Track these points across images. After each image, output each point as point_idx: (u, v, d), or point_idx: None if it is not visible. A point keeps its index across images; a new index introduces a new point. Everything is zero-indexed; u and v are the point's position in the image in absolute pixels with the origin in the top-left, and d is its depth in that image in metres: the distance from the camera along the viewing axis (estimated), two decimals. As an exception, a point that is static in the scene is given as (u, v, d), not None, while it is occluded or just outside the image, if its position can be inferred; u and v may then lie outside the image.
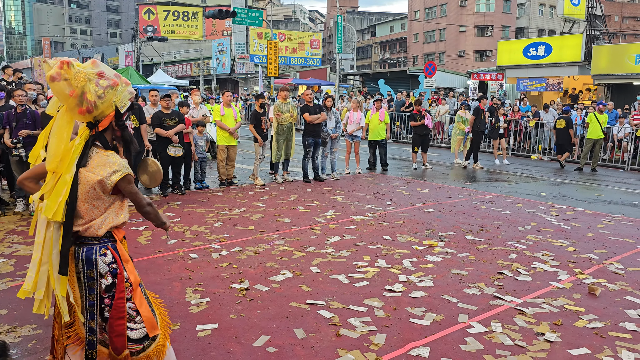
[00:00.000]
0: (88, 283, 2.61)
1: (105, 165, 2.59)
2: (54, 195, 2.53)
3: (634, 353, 3.56)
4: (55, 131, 2.54)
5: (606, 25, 27.49)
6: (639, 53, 18.99)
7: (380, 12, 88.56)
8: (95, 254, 2.61)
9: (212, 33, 55.80)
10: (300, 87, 32.81)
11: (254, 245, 5.88)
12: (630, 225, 7.36)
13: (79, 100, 2.50)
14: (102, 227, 2.61)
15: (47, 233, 2.57)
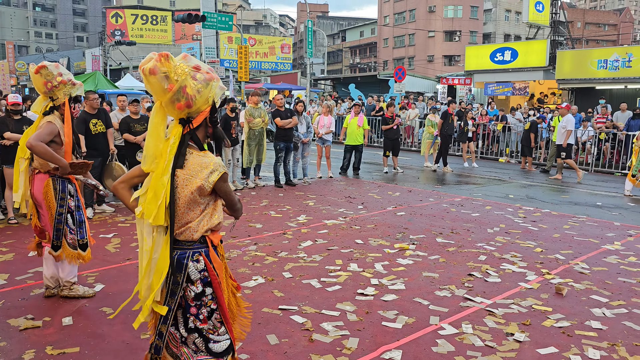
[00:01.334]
0: (172, 286, 2.50)
1: (202, 166, 2.45)
2: (153, 198, 2.43)
3: (599, 351, 3.65)
4: (151, 130, 2.45)
5: (569, 31, 28.24)
6: (600, 58, 19.56)
7: (351, 17, 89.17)
8: (187, 259, 2.48)
9: (181, 37, 55.20)
10: (271, 91, 32.79)
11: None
12: (595, 226, 7.55)
13: (178, 94, 2.39)
14: (197, 231, 2.49)
15: (153, 238, 2.46)
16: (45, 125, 4.19)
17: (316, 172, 11.70)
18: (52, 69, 4.20)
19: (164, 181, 2.41)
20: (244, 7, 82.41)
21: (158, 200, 2.41)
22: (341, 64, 72.40)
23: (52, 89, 4.23)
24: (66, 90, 4.30)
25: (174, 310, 2.51)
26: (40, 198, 4.30)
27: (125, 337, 3.69)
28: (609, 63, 19.24)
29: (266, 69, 45.97)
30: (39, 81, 4.22)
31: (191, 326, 2.51)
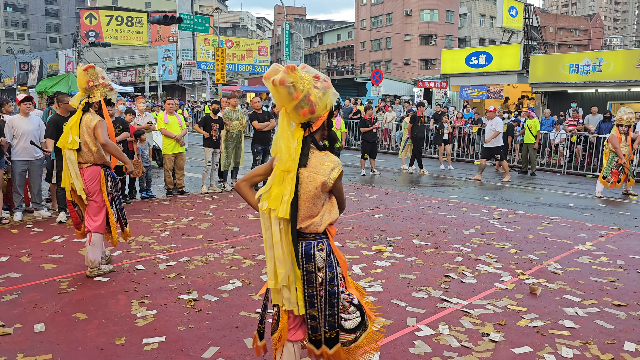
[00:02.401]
0: (307, 276, 2.76)
1: (324, 164, 2.72)
2: (278, 195, 2.68)
3: (572, 349, 3.72)
4: (280, 134, 2.69)
5: (542, 35, 28.79)
6: (572, 63, 19.98)
7: (328, 20, 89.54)
8: (313, 249, 2.74)
9: (157, 39, 54.66)
10: (249, 94, 32.67)
11: (202, 254, 5.78)
12: (567, 227, 7.70)
13: (302, 102, 2.62)
14: (321, 225, 2.75)
15: (281, 231, 2.71)
16: (100, 124, 4.86)
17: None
18: (97, 71, 4.91)
19: (290, 179, 2.67)
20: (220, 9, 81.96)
21: (284, 196, 2.66)
22: (318, 66, 72.52)
23: (92, 88, 4.89)
24: (103, 91, 4.97)
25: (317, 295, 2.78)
26: (92, 186, 4.92)
27: (99, 343, 3.63)
28: (580, 67, 19.67)
29: (243, 72, 45.80)
30: (84, 78, 4.87)
31: (321, 307, 2.79)
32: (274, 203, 2.69)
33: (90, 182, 4.91)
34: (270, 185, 2.74)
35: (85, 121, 4.89)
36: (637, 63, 18.13)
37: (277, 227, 2.71)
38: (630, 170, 10.48)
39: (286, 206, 2.65)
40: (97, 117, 4.91)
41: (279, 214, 2.67)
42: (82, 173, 4.92)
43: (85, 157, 4.92)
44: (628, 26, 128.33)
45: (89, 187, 4.92)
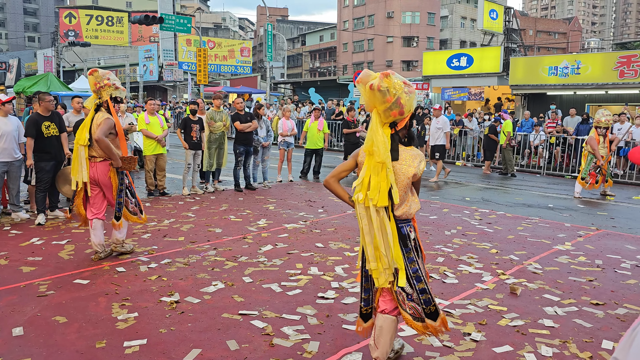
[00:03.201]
0: (407, 254, 3.19)
1: (413, 157, 3.17)
2: (375, 186, 3.04)
3: (551, 348, 3.77)
4: (374, 131, 3.07)
5: (522, 38, 29.16)
6: (551, 65, 20.28)
7: (310, 21, 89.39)
8: (406, 230, 3.19)
9: (138, 39, 54.14)
10: (231, 95, 32.53)
11: (184, 256, 5.74)
12: (547, 227, 7.81)
13: (394, 105, 3.02)
14: (411, 210, 3.21)
15: (378, 218, 3.07)
16: (105, 122, 5.34)
17: (276, 176, 11.67)
18: (101, 73, 5.45)
19: (386, 170, 3.05)
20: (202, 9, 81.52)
21: (380, 187, 3.03)
22: (301, 68, 72.55)
23: (99, 89, 5.44)
24: (109, 91, 5.47)
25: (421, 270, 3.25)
26: (106, 181, 5.45)
27: (79, 347, 3.58)
28: (559, 70, 19.96)
29: (226, 72, 45.62)
30: (91, 81, 5.47)
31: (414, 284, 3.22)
32: (373, 193, 3.04)
33: (101, 174, 5.43)
34: (363, 177, 3.11)
35: (96, 119, 5.42)
36: (614, 66, 18.47)
37: (376, 215, 3.07)
38: (608, 172, 10.67)
39: (382, 196, 3.03)
40: (105, 115, 5.43)
41: (380, 202, 3.04)
42: (96, 166, 5.43)
43: (98, 151, 5.42)
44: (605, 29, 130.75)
45: (100, 179, 5.44)
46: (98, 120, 5.39)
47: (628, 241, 7.14)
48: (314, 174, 12.21)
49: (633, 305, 4.70)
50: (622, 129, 13.49)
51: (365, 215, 3.13)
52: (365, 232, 3.13)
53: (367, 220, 3.13)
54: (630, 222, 8.47)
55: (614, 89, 18.92)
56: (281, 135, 11.40)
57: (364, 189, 3.10)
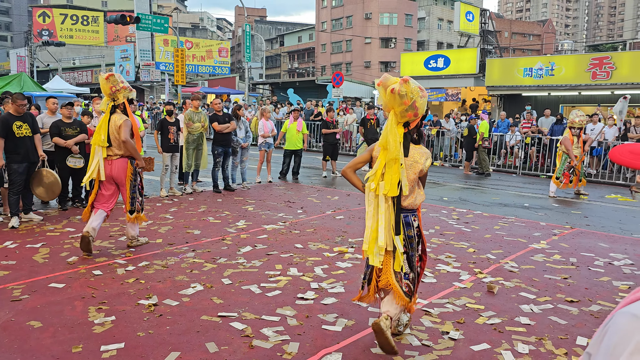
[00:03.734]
0: (408, 239, 3.62)
1: (421, 155, 3.63)
2: (388, 178, 3.50)
3: (528, 345, 3.84)
4: (390, 130, 3.50)
5: (497, 40, 29.58)
6: (526, 67, 20.61)
7: (289, 22, 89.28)
8: (411, 219, 3.62)
9: (114, 39, 53.45)
10: (209, 95, 32.30)
11: (162, 258, 5.69)
12: (523, 226, 7.93)
13: (410, 107, 3.45)
14: (416, 202, 3.66)
15: (386, 206, 3.52)
16: (125, 123, 5.72)
17: (256, 177, 11.63)
18: (117, 78, 5.78)
19: (398, 166, 3.49)
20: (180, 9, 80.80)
21: (392, 180, 3.48)
22: (279, 68, 72.43)
23: (115, 92, 5.76)
24: (125, 93, 5.83)
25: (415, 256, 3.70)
26: (122, 177, 5.82)
27: (54, 352, 3.52)
28: (533, 71, 20.30)
29: (204, 73, 45.30)
30: (107, 85, 5.74)
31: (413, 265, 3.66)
32: (386, 184, 3.49)
33: (118, 171, 5.79)
34: (376, 170, 3.55)
35: (114, 120, 5.75)
36: (587, 68, 18.85)
37: (384, 203, 3.52)
38: (582, 171, 10.88)
39: (392, 186, 3.47)
40: (123, 117, 5.78)
41: (390, 193, 3.48)
42: (112, 164, 5.78)
43: (114, 150, 5.78)
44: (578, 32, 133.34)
45: (116, 175, 5.81)
46: (117, 122, 5.73)
47: (601, 239, 7.29)
48: (293, 175, 12.20)
49: (606, 302, 4.80)
50: (595, 129, 13.78)
51: (373, 202, 3.56)
52: (369, 216, 3.57)
53: (374, 206, 3.56)
54: (603, 221, 8.65)
55: (587, 90, 19.31)
56: (262, 137, 11.36)
57: (376, 179, 3.54)
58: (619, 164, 0.95)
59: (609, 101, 18.52)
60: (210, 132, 12.32)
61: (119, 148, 5.78)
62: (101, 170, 5.74)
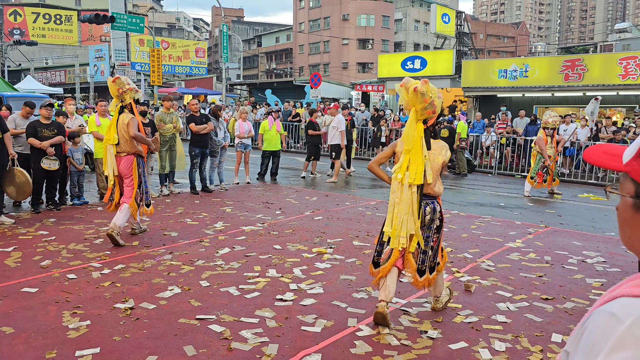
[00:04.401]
0: (429, 223, 4.15)
1: (442, 148, 4.18)
2: (413, 168, 3.97)
3: (504, 343, 3.89)
4: (410, 125, 4.00)
5: (473, 42, 29.96)
6: (501, 68, 20.90)
7: (266, 22, 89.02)
8: (436, 205, 4.17)
9: (88, 38, 52.53)
10: (186, 96, 32.01)
11: (138, 261, 5.61)
12: (499, 225, 8.04)
13: (429, 105, 3.94)
14: (439, 190, 4.17)
15: (410, 193, 4.00)
16: (132, 121, 6.24)
17: (233, 178, 11.56)
18: (123, 80, 6.24)
19: (422, 158, 3.97)
20: (155, 9, 79.89)
21: (417, 169, 3.96)
22: (257, 69, 72.15)
23: (122, 94, 6.24)
24: (131, 94, 6.31)
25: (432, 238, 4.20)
26: (128, 172, 6.31)
27: (27, 358, 3.44)
28: (508, 73, 20.60)
29: (180, 73, 44.86)
30: (114, 88, 6.19)
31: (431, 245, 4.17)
32: (412, 174, 3.96)
33: (125, 167, 6.30)
34: (402, 162, 4.03)
35: (122, 120, 6.24)
36: (560, 69, 19.21)
37: (409, 190, 4.00)
38: (555, 171, 11.08)
39: (417, 176, 3.95)
40: (130, 116, 6.28)
41: (416, 181, 3.97)
42: (120, 160, 6.28)
43: (122, 147, 6.27)
44: (551, 34, 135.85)
45: (123, 171, 6.31)
46: (125, 120, 6.24)
47: (574, 237, 7.43)
48: (271, 176, 12.16)
49: (580, 299, 4.89)
50: (568, 130, 14.04)
51: (397, 190, 4.07)
52: (393, 203, 4.09)
53: (398, 194, 4.06)
54: (576, 219, 8.82)
55: (560, 91, 19.67)
56: (238, 137, 11.30)
57: (402, 170, 4.02)
58: (592, 164, 0.96)
59: (581, 102, 18.90)
60: (187, 133, 12.20)
61: (127, 146, 6.28)
62: (114, 166, 6.28)
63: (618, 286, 0.90)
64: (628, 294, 0.85)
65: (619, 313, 0.82)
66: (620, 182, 0.95)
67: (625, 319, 0.80)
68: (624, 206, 0.94)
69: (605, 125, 15.36)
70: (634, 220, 0.92)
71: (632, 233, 0.93)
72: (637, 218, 0.91)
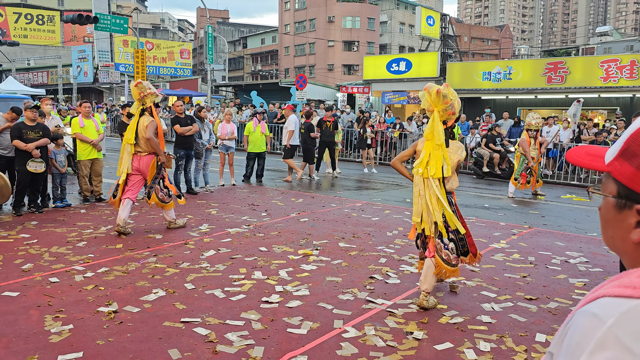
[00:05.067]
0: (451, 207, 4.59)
1: (458, 148, 4.65)
2: (433, 163, 4.47)
3: (489, 343, 3.91)
4: (435, 122, 4.49)
5: (457, 44, 30.18)
6: (485, 71, 21.10)
7: (251, 24, 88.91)
8: (452, 199, 4.66)
9: (71, 39, 51.96)
10: (171, 97, 31.80)
11: (122, 264, 5.55)
12: (483, 226, 8.10)
13: (449, 106, 4.45)
14: (453, 186, 4.64)
15: (433, 186, 4.49)
16: (151, 124, 6.74)
17: (218, 180, 11.51)
18: (144, 85, 6.83)
19: (441, 154, 4.48)
20: (140, 9, 79.30)
21: (436, 165, 4.46)
22: (242, 70, 71.94)
23: (143, 97, 6.78)
24: (152, 98, 6.85)
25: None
26: (146, 170, 6.88)
27: (9, 363, 3.39)
28: (492, 75, 20.80)
29: (165, 75, 44.55)
30: (136, 92, 6.78)
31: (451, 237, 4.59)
32: (432, 168, 4.47)
33: (145, 165, 6.85)
34: (423, 157, 4.53)
35: (142, 122, 6.78)
36: (543, 72, 19.43)
37: (432, 184, 4.48)
38: (539, 172, 11.19)
39: (436, 170, 4.45)
40: (150, 119, 6.80)
41: (436, 175, 4.46)
42: (140, 159, 6.82)
43: (143, 147, 6.80)
44: (534, 37, 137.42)
45: (142, 169, 6.85)
46: (144, 123, 6.74)
47: (558, 238, 7.51)
48: (256, 178, 12.13)
49: (563, 299, 4.95)
50: (551, 131, 14.20)
51: (419, 183, 4.57)
52: (416, 195, 4.60)
53: (421, 187, 4.56)
54: (559, 220, 8.92)
55: (543, 93, 19.90)
56: (220, 139, 11.27)
57: (422, 165, 4.51)
58: (575, 165, 0.97)
59: (564, 104, 19.14)
60: (172, 135, 12.12)
61: (146, 146, 6.77)
62: (128, 164, 6.80)
63: (600, 286, 0.91)
64: (610, 294, 0.85)
65: (600, 313, 0.83)
66: (603, 183, 0.96)
67: (607, 319, 0.81)
68: (606, 206, 0.95)
69: (587, 127, 15.56)
70: (616, 221, 0.93)
71: (614, 233, 0.94)
72: (619, 218, 0.92)
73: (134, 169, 6.83)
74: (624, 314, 0.80)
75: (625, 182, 0.90)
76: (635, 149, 0.88)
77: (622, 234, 0.92)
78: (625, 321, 0.79)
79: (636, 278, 0.85)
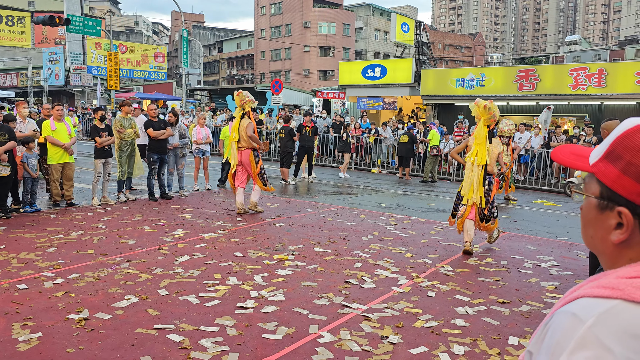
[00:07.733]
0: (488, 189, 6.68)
1: (498, 143, 6.71)
2: (481, 153, 6.45)
3: (463, 347, 3.95)
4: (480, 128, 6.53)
5: (432, 51, 30.54)
6: (458, 77, 21.37)
7: (227, 28, 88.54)
8: (490, 179, 6.76)
9: (42, 41, 50.91)
10: (145, 101, 31.41)
11: (94, 270, 5.44)
12: (457, 231, 8.17)
13: (492, 116, 6.37)
14: (492, 170, 6.68)
15: (478, 171, 6.50)
16: (249, 125, 8.52)
17: (193, 185, 11.39)
18: (244, 94, 8.62)
19: (485, 147, 6.44)
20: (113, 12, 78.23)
21: (482, 155, 6.44)
22: (218, 75, 71.54)
23: (243, 104, 8.57)
24: (250, 104, 8.62)
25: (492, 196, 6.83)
26: (248, 162, 8.63)
27: (-26, 373, 3.28)
28: (465, 82, 21.08)
29: (139, 78, 44.00)
30: (237, 99, 8.62)
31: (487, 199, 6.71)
32: (479, 158, 6.43)
33: (246, 157, 8.62)
34: (473, 151, 6.49)
35: (242, 123, 8.55)
36: (515, 79, 19.79)
37: (478, 168, 6.47)
38: (511, 178, 11.37)
39: (482, 159, 6.42)
40: (248, 121, 8.57)
41: (481, 162, 6.44)
42: (241, 153, 8.61)
43: (243, 143, 8.60)
44: (506, 45, 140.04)
45: (244, 161, 8.63)
46: (244, 124, 8.52)
47: (529, 242, 7.64)
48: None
49: (535, 302, 5.03)
50: (522, 137, 14.46)
51: (469, 168, 6.53)
52: (467, 176, 6.56)
53: (469, 171, 6.53)
54: (530, 225, 9.07)
55: (515, 100, 20.25)
56: (195, 143, 11.18)
57: (472, 155, 6.50)
58: (560, 163, 0.99)
59: (535, 111, 19.52)
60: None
61: (246, 143, 8.52)
62: (235, 157, 8.59)
63: (579, 287, 0.92)
64: (589, 294, 0.87)
65: (580, 313, 0.84)
66: (586, 183, 0.97)
67: (586, 319, 0.82)
68: (588, 206, 0.96)
69: (557, 134, 15.89)
70: (597, 221, 0.94)
71: (594, 233, 0.96)
72: (600, 218, 0.94)
73: (238, 161, 8.58)
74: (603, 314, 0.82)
75: (608, 183, 0.91)
76: (620, 152, 0.90)
77: (602, 235, 0.94)
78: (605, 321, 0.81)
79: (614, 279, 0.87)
